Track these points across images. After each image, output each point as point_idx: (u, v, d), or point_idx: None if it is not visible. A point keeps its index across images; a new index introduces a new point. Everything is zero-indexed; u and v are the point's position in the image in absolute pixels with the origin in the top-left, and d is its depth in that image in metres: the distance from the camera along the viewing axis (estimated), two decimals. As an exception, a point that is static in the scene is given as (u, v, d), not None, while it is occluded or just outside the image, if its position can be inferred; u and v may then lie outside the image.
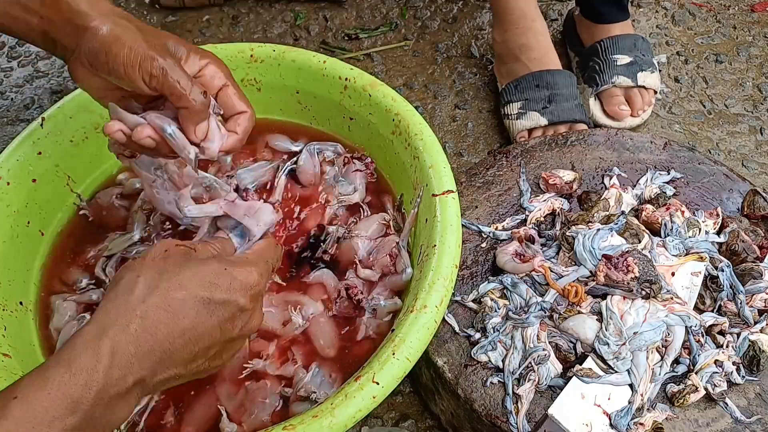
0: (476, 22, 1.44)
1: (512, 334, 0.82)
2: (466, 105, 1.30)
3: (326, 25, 1.42)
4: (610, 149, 1.03)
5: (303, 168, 0.89)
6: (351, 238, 0.84)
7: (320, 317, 0.79)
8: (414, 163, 0.83)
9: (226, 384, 0.75)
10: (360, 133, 0.92)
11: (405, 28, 1.42)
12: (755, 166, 1.22)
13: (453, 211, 0.77)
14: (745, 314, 0.85)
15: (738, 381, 0.81)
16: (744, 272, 0.88)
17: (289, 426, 0.62)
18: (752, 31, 1.44)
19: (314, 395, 0.73)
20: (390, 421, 0.94)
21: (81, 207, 0.89)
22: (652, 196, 0.96)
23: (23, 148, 0.84)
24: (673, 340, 0.81)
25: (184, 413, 0.73)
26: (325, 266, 0.83)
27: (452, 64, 1.36)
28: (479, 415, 0.80)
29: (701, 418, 0.80)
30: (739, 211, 0.97)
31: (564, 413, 0.76)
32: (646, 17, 1.46)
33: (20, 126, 1.26)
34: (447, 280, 0.72)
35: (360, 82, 0.89)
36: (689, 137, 1.26)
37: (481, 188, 0.99)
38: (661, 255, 0.86)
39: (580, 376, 0.78)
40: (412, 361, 0.66)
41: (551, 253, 0.88)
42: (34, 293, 0.83)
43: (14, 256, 0.82)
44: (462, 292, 0.88)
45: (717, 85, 1.34)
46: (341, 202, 0.88)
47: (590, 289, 0.82)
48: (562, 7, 1.46)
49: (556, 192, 0.98)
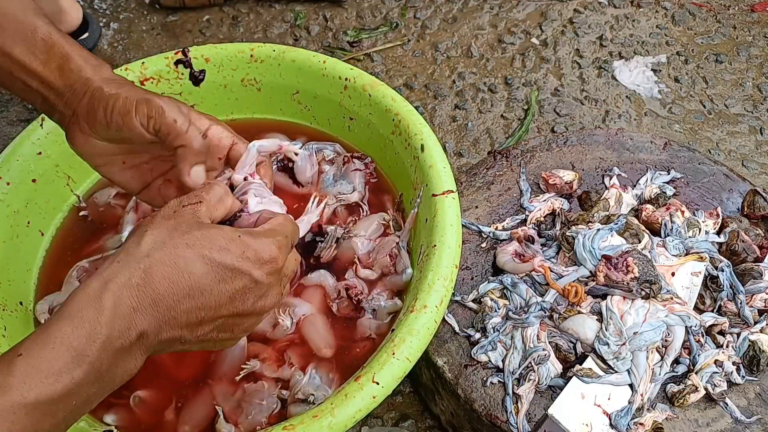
0: (476, 22, 1.44)
1: (512, 334, 0.82)
2: (466, 105, 1.30)
3: (326, 25, 1.42)
4: (610, 149, 1.03)
5: (300, 167, 0.89)
6: (350, 238, 0.83)
7: (314, 318, 0.79)
8: (414, 163, 0.83)
9: (223, 383, 0.75)
10: (360, 133, 0.92)
11: (405, 28, 1.42)
12: (755, 166, 1.22)
13: (453, 211, 0.77)
14: (745, 314, 0.85)
15: (738, 381, 0.81)
16: (744, 272, 0.88)
17: (289, 426, 0.62)
18: (752, 31, 1.44)
19: (312, 397, 0.72)
20: (390, 421, 0.94)
21: (81, 207, 0.89)
22: (652, 196, 0.96)
23: (23, 148, 0.84)
24: (673, 340, 0.81)
25: (181, 411, 0.73)
26: (323, 267, 0.83)
27: (452, 64, 1.36)
28: (479, 415, 0.80)
29: (701, 418, 0.80)
30: (739, 211, 0.97)
31: (564, 413, 0.76)
32: (646, 17, 1.46)
33: (20, 126, 1.26)
34: (447, 280, 0.72)
35: (360, 82, 0.89)
36: (689, 137, 1.26)
37: (481, 188, 0.99)
38: (661, 255, 0.86)
39: (580, 376, 0.78)
40: (412, 361, 0.66)
41: (551, 253, 0.88)
42: (34, 293, 0.83)
43: (14, 256, 0.82)
44: (462, 292, 0.88)
45: (717, 85, 1.34)
46: (340, 202, 0.88)
47: (590, 289, 0.82)
48: (562, 7, 1.47)
49: (556, 192, 0.98)
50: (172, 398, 0.74)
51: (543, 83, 1.34)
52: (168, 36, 1.41)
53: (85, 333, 0.46)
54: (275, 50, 0.93)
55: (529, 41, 1.41)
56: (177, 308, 0.51)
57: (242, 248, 0.54)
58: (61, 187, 0.88)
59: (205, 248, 0.52)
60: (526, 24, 1.44)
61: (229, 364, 0.76)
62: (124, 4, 1.46)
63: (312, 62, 0.92)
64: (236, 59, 0.93)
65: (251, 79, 0.95)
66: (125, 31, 1.42)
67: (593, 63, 1.37)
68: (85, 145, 0.64)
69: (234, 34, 1.41)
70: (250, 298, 0.56)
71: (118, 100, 0.61)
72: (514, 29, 1.43)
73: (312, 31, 1.41)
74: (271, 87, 0.95)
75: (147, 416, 0.73)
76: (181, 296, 0.51)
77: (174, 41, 1.40)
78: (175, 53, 0.91)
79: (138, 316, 0.49)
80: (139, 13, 1.45)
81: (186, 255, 0.52)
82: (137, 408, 0.73)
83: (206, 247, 0.53)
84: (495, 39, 1.41)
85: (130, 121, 0.61)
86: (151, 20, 1.44)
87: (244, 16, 1.44)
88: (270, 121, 0.97)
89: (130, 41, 1.40)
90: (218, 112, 0.96)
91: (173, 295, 0.51)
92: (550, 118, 1.29)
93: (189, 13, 1.44)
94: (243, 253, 0.54)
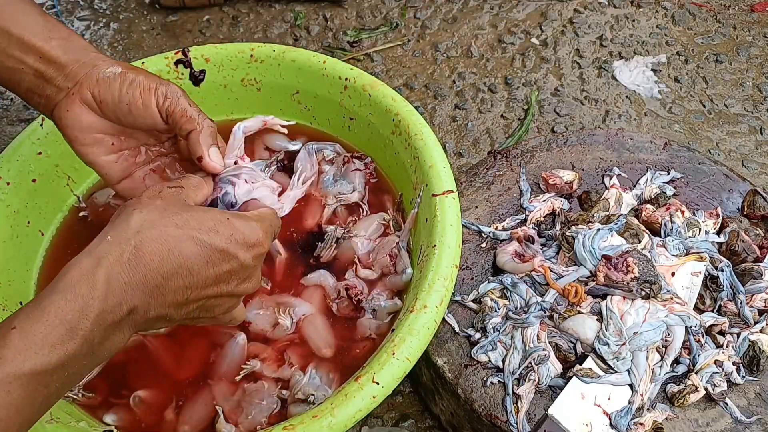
0: (476, 22, 1.44)
1: (512, 334, 0.82)
2: (466, 105, 1.30)
3: (326, 25, 1.42)
4: (610, 149, 1.03)
5: (300, 167, 0.89)
6: (350, 238, 0.83)
7: (314, 318, 0.79)
8: (414, 163, 0.83)
9: (223, 383, 0.75)
10: (360, 133, 0.92)
11: (405, 28, 1.42)
12: (755, 166, 1.22)
13: (453, 211, 0.77)
14: (745, 314, 0.85)
15: (738, 381, 0.81)
16: (744, 272, 0.88)
17: (289, 426, 0.62)
18: (752, 31, 1.44)
19: (312, 397, 0.72)
20: (390, 421, 0.94)
21: (80, 208, 0.89)
22: (652, 196, 0.96)
23: (23, 148, 0.84)
24: (673, 340, 0.81)
25: (181, 411, 0.73)
26: (323, 267, 0.83)
27: (452, 64, 1.36)
28: (479, 415, 0.80)
29: (701, 418, 0.80)
30: (739, 211, 0.97)
31: (564, 413, 0.76)
32: (646, 17, 1.46)
33: (20, 126, 1.26)
34: (447, 280, 0.72)
35: (360, 82, 0.89)
36: (689, 137, 1.26)
37: (481, 188, 0.99)
38: (661, 255, 0.86)
39: (580, 376, 0.78)
40: (412, 361, 0.66)
41: (551, 253, 0.88)
42: (34, 293, 0.83)
43: (14, 256, 0.82)
44: (462, 292, 0.88)
45: (717, 85, 1.34)
46: (340, 201, 0.88)
47: (590, 289, 0.82)
48: (562, 7, 1.47)
49: (556, 192, 0.98)
50: (172, 398, 0.74)
51: (543, 83, 1.34)
52: (168, 36, 1.41)
53: (78, 307, 0.48)
54: (275, 50, 0.93)
55: (529, 41, 1.41)
56: (166, 286, 0.53)
57: (231, 230, 0.56)
58: (61, 187, 0.88)
59: (194, 229, 0.54)
60: (526, 24, 1.44)
61: (229, 364, 0.76)
62: (124, 4, 1.46)
63: (312, 62, 0.92)
64: (236, 59, 0.93)
65: (251, 79, 0.95)
66: (125, 31, 1.42)
67: (593, 63, 1.38)
68: (80, 116, 0.65)
69: (234, 34, 1.41)
70: (234, 280, 0.57)
71: (139, 75, 0.64)
72: (514, 29, 1.43)
73: (312, 31, 1.41)
74: (271, 87, 0.95)
75: (147, 416, 0.73)
76: (170, 274, 0.52)
77: (174, 41, 1.40)
78: (175, 53, 0.91)
79: (129, 291, 0.51)
80: (139, 13, 1.45)
81: (176, 234, 0.53)
82: (137, 408, 0.73)
83: (195, 228, 0.54)
84: (495, 39, 1.41)
85: (148, 98, 0.64)
86: (151, 20, 1.44)
87: (244, 16, 1.44)
88: (270, 121, 0.97)
89: (130, 41, 1.40)
90: (218, 112, 0.96)
91: (163, 272, 0.52)
92: (550, 118, 1.29)
93: (189, 13, 1.44)
94: (231, 236, 0.55)
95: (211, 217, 0.56)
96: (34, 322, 0.47)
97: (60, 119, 0.66)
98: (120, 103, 0.64)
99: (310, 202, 0.89)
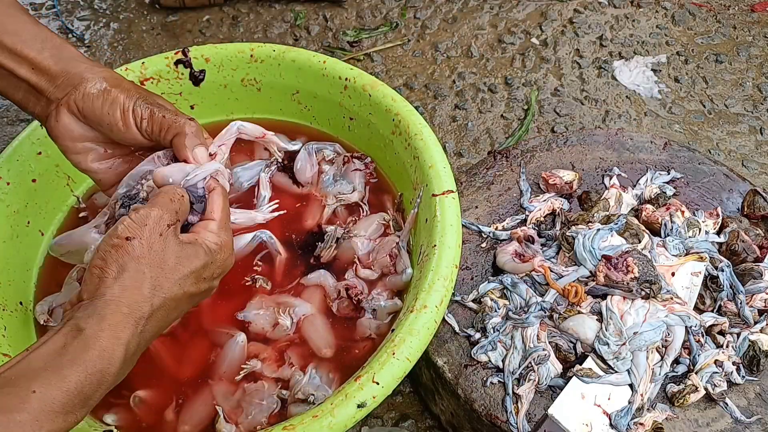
0: (476, 22, 1.44)
1: (512, 334, 0.82)
2: (466, 105, 1.30)
3: (326, 25, 1.42)
4: (610, 149, 1.03)
5: (300, 167, 0.89)
6: (350, 238, 0.83)
7: (314, 318, 0.79)
8: (414, 163, 0.83)
9: (223, 383, 0.75)
10: (360, 133, 0.92)
11: (405, 28, 1.42)
12: (755, 166, 1.22)
13: (453, 211, 0.77)
14: (745, 314, 0.85)
15: (738, 381, 0.81)
16: (744, 272, 0.88)
17: (289, 426, 0.62)
18: (752, 31, 1.44)
19: (312, 397, 0.72)
20: (390, 421, 0.94)
21: (80, 208, 0.89)
22: (652, 196, 0.96)
23: (23, 148, 0.84)
24: (673, 340, 0.80)
25: (181, 411, 0.73)
26: (323, 267, 0.83)
27: (452, 64, 1.36)
28: (479, 415, 0.80)
29: (701, 418, 0.80)
30: (739, 211, 0.97)
31: (564, 413, 0.76)
32: (646, 17, 1.46)
33: (20, 126, 1.26)
34: (447, 280, 0.72)
35: (360, 82, 0.89)
36: (689, 137, 1.26)
37: (481, 188, 0.99)
38: (661, 255, 0.86)
39: (580, 376, 0.78)
40: (412, 361, 0.66)
41: (551, 253, 0.88)
42: (34, 293, 0.83)
43: (14, 256, 0.82)
44: (462, 292, 0.88)
45: (717, 85, 1.34)
46: (340, 202, 0.88)
47: (590, 289, 0.82)
48: (562, 7, 1.47)
49: (556, 192, 0.98)
50: (172, 398, 0.74)
51: (543, 83, 1.34)
52: (168, 36, 1.41)
53: (95, 381, 0.52)
54: (275, 50, 0.93)
55: (529, 41, 1.41)
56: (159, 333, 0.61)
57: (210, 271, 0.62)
58: (61, 187, 0.88)
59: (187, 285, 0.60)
60: (526, 24, 1.44)
61: (229, 364, 0.76)
62: (124, 4, 1.46)
63: (312, 62, 0.92)
64: (236, 59, 0.93)
65: (251, 79, 0.95)
66: (125, 31, 1.42)
67: (593, 63, 1.37)
68: (70, 126, 0.66)
69: (234, 34, 1.41)
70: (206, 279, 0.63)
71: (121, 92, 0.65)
72: (514, 29, 1.43)
73: (312, 31, 1.41)
74: (271, 87, 0.95)
75: (147, 416, 0.73)
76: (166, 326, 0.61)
77: (174, 41, 1.40)
78: (175, 53, 0.91)
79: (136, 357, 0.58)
80: (139, 13, 1.45)
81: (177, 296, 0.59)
82: (137, 408, 0.73)
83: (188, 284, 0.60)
84: (495, 39, 1.41)
85: (128, 120, 0.65)
86: (151, 20, 1.44)
87: (244, 16, 1.44)
88: (270, 121, 0.97)
89: (130, 41, 1.40)
90: (218, 112, 0.96)
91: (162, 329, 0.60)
92: (550, 118, 1.29)
93: (189, 13, 1.44)
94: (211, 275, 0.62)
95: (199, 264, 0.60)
96: (55, 389, 0.50)
97: (51, 129, 0.66)
98: (102, 122, 0.65)
99: (310, 202, 0.89)
